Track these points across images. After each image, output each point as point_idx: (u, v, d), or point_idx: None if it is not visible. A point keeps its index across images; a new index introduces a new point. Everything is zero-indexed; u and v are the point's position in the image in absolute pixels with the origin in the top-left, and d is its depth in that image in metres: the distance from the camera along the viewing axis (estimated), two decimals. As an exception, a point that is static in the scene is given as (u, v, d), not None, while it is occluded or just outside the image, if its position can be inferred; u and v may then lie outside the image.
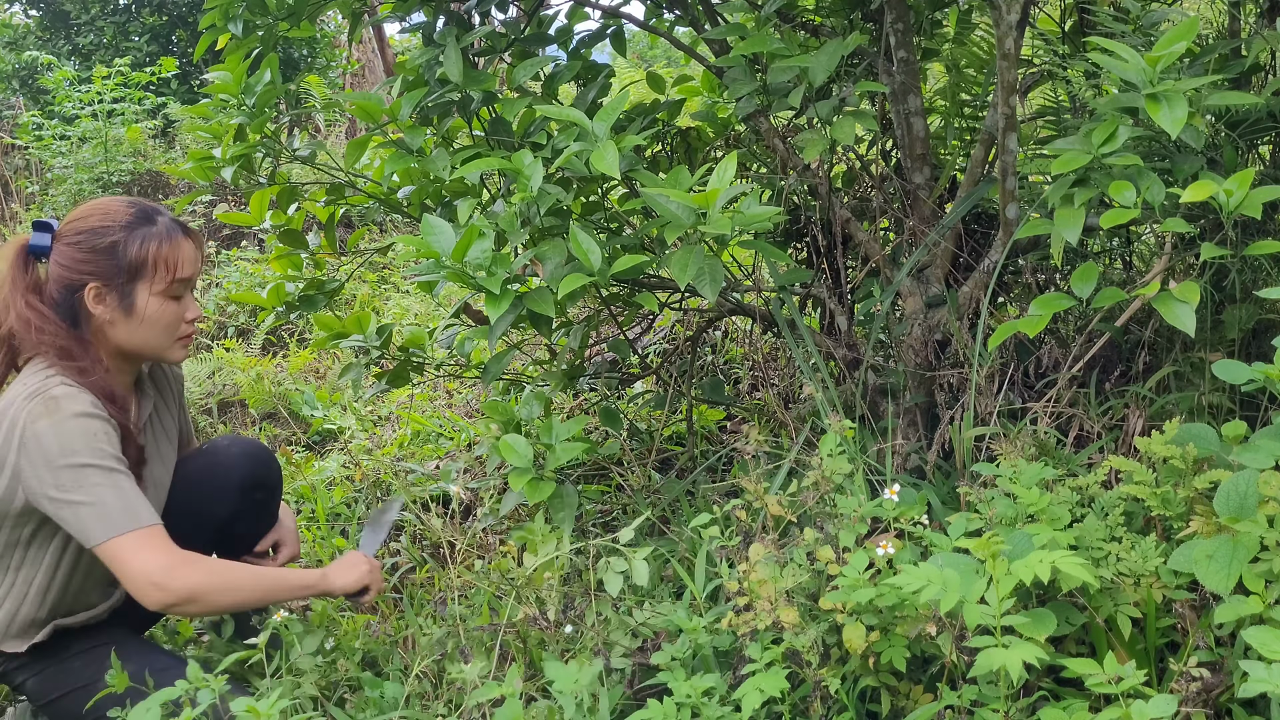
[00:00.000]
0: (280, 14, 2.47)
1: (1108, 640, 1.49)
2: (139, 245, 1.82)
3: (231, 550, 2.15)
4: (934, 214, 2.36)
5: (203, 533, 2.06)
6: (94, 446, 1.72)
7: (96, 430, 1.73)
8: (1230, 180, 1.57)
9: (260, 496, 2.17)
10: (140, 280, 1.83)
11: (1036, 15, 2.51)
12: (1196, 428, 1.57)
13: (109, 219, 1.84)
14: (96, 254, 1.82)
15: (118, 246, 1.82)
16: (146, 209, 1.88)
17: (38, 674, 1.88)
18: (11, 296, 1.82)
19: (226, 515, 2.12)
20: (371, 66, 9.26)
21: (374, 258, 6.28)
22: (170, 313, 1.87)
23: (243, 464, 2.13)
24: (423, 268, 1.86)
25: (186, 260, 1.87)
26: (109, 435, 1.75)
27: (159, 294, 1.85)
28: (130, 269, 1.82)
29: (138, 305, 1.84)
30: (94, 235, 1.82)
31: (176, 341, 1.91)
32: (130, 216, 1.84)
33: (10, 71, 9.68)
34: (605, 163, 1.79)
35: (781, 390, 2.96)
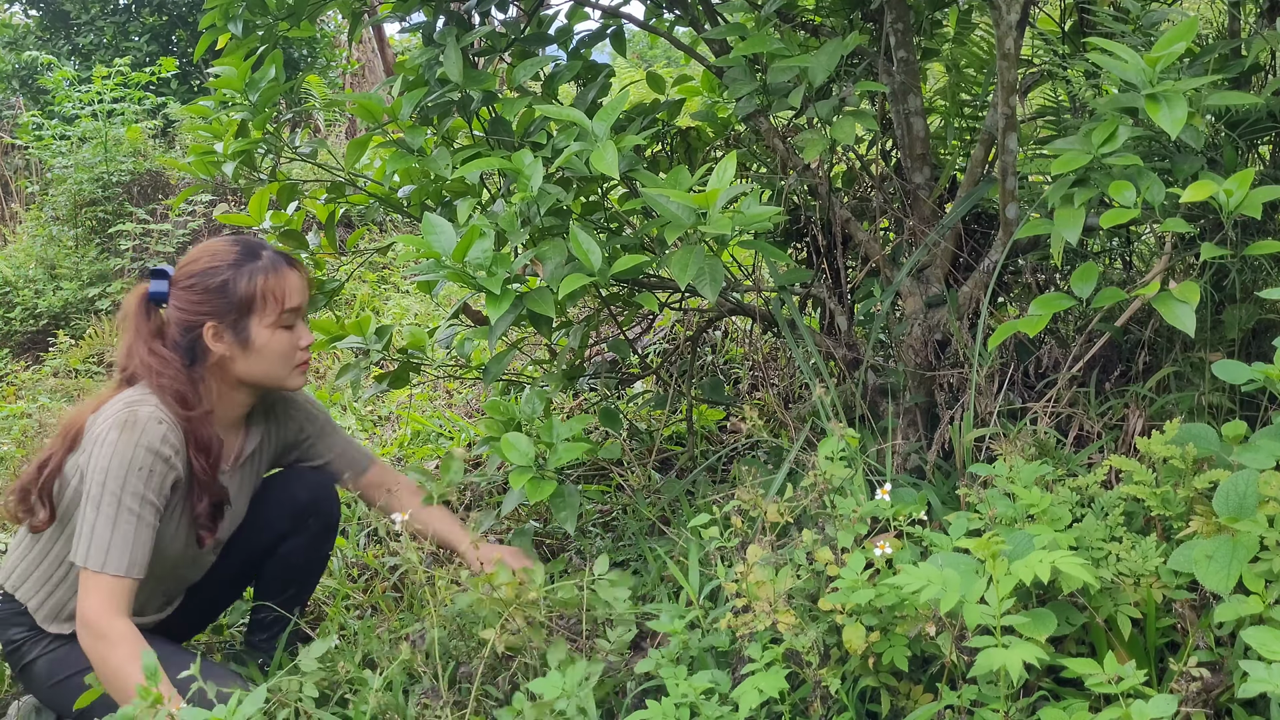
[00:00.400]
0: (280, 14, 2.47)
1: (1108, 640, 1.49)
2: (247, 281, 1.91)
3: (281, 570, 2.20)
4: (934, 214, 2.36)
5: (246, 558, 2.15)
6: (133, 480, 1.78)
7: (151, 469, 1.80)
8: (1230, 180, 1.57)
9: (312, 533, 2.18)
10: (252, 314, 1.92)
11: (1036, 15, 2.51)
12: (1196, 428, 1.57)
13: (216, 259, 1.93)
14: (209, 294, 1.91)
15: (227, 285, 1.91)
16: (250, 245, 1.96)
17: (50, 653, 1.93)
18: (135, 343, 1.92)
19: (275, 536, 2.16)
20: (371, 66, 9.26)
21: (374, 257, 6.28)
22: (284, 342, 1.95)
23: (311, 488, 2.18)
24: (423, 267, 1.86)
25: (293, 290, 1.96)
26: (160, 479, 1.82)
27: (271, 325, 1.93)
28: (241, 305, 1.91)
29: (253, 338, 1.92)
30: (204, 276, 1.92)
31: (294, 369, 1.99)
32: (236, 254, 1.93)
33: (10, 71, 9.69)
34: (605, 163, 1.79)
35: (781, 390, 2.96)
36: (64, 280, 6.30)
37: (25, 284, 6.26)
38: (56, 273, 6.40)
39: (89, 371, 5.11)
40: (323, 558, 2.25)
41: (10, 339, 6.00)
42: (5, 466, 3.68)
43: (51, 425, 4.17)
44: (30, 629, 1.94)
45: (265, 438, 2.12)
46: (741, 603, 1.54)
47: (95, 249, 6.62)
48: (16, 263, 6.49)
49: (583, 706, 1.58)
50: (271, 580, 2.18)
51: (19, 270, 6.36)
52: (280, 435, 2.17)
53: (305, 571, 2.22)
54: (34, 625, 1.94)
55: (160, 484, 1.82)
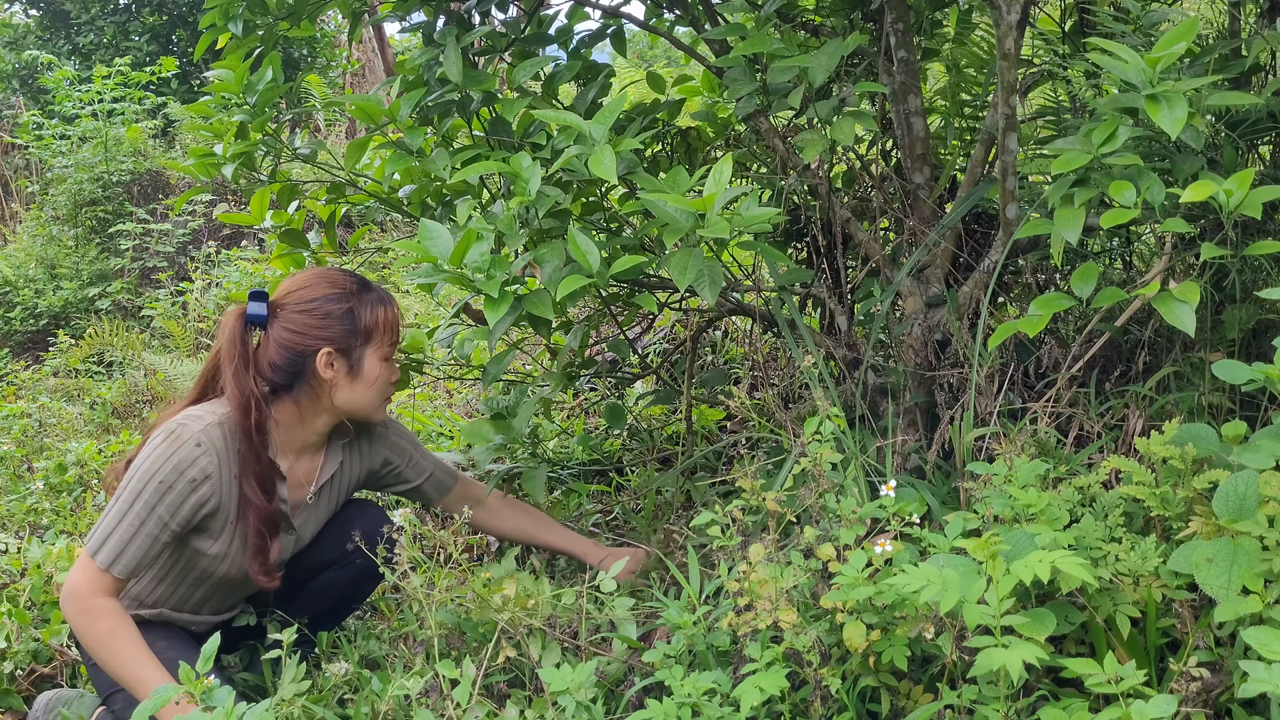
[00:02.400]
0: (280, 14, 2.47)
1: (1108, 640, 1.49)
2: (370, 311, 1.96)
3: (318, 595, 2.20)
4: (934, 214, 2.36)
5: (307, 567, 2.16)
6: (153, 492, 1.81)
7: (171, 486, 1.82)
8: (1230, 180, 1.57)
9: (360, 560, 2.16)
10: (370, 344, 1.96)
11: (1036, 15, 2.51)
12: (1196, 428, 1.57)
13: (337, 286, 1.96)
14: (332, 319, 1.93)
15: (354, 313, 1.94)
16: (360, 278, 2.01)
17: None
18: (225, 366, 1.92)
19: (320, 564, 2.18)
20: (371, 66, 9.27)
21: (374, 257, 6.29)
22: (386, 374, 2.01)
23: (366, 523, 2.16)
24: (421, 271, 1.86)
25: (401, 324, 2.04)
26: (178, 499, 1.83)
27: (382, 357, 1.98)
28: (364, 332, 1.95)
29: (365, 368, 1.97)
30: (328, 302, 1.94)
31: (383, 403, 2.05)
32: (354, 284, 1.98)
33: (10, 71, 9.69)
34: (603, 167, 1.79)
35: (781, 390, 2.96)
36: (64, 280, 6.30)
37: (25, 284, 6.27)
38: (56, 272, 6.40)
39: (89, 371, 5.11)
40: (361, 595, 2.24)
41: (10, 339, 6.00)
42: (5, 466, 3.68)
43: (51, 425, 4.17)
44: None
45: (345, 464, 2.13)
46: (744, 601, 1.54)
47: (95, 249, 6.62)
48: (16, 262, 6.49)
49: (585, 704, 1.58)
50: (306, 600, 2.18)
51: (19, 270, 6.36)
52: (363, 465, 2.18)
53: (340, 604, 2.22)
54: None
55: (176, 504, 1.83)
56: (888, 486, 1.65)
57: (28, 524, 3.19)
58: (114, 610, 1.83)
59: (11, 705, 2.22)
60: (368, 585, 2.21)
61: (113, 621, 1.82)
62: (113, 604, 1.84)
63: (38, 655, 2.34)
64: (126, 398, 4.35)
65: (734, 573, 1.59)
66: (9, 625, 2.33)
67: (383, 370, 1.99)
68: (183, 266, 6.52)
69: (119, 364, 5.03)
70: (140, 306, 6.08)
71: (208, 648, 1.57)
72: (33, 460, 3.74)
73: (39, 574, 2.56)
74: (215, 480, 1.86)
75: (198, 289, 5.76)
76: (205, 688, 1.51)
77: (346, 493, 2.17)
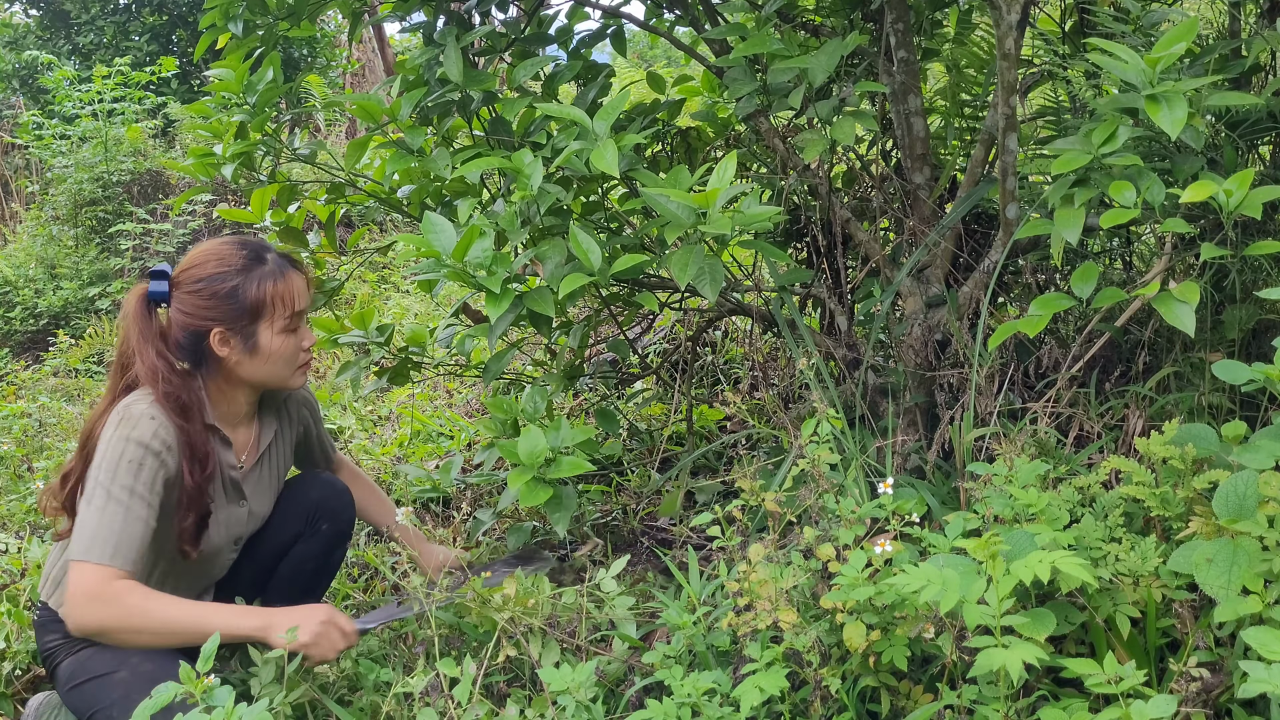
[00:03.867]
0: (280, 13, 2.47)
1: (1108, 640, 1.49)
2: (256, 287, 1.91)
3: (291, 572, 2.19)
4: (934, 214, 2.36)
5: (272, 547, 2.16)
6: (122, 473, 1.78)
7: (135, 458, 1.79)
8: (1230, 180, 1.57)
9: (323, 534, 2.18)
10: (261, 320, 1.92)
11: (1036, 15, 2.51)
12: (1196, 428, 1.57)
13: (224, 264, 1.92)
14: (217, 300, 1.90)
15: (237, 291, 1.90)
16: (256, 248, 1.96)
17: (74, 655, 1.92)
18: (140, 346, 1.90)
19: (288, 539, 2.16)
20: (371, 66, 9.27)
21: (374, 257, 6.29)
22: (289, 345, 1.96)
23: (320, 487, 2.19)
24: (423, 266, 1.86)
25: (299, 294, 1.96)
26: (144, 468, 1.80)
27: (279, 331, 1.94)
28: (251, 311, 1.91)
29: (261, 344, 1.93)
30: (212, 281, 1.90)
31: (297, 370, 2.01)
32: (243, 259, 1.93)
33: (10, 71, 9.69)
34: (605, 161, 1.79)
35: (781, 390, 2.96)
36: (64, 280, 6.30)
37: (25, 284, 6.27)
38: (56, 272, 6.40)
39: (89, 371, 5.11)
40: (333, 564, 2.24)
41: (10, 339, 6.00)
42: (5, 466, 3.68)
43: (52, 425, 4.17)
44: (64, 636, 1.94)
45: (280, 429, 2.14)
46: (743, 601, 1.54)
47: (95, 249, 6.62)
48: (16, 262, 6.49)
49: (584, 704, 1.58)
50: (280, 581, 2.18)
51: (19, 270, 6.36)
52: (294, 427, 2.19)
53: (314, 576, 2.21)
54: (66, 633, 1.93)
55: (151, 478, 1.81)
56: (885, 484, 1.65)
57: (28, 524, 3.19)
58: (133, 585, 1.75)
59: (3, 710, 2.22)
60: (339, 551, 2.22)
61: (139, 592, 1.75)
62: (129, 582, 1.76)
63: (35, 656, 2.33)
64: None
65: (734, 573, 1.59)
66: (8, 626, 2.33)
67: (284, 343, 1.95)
68: (183, 266, 6.51)
69: (119, 364, 5.02)
70: (140, 306, 6.06)
71: (208, 647, 1.56)
72: (33, 460, 3.74)
73: (39, 574, 2.55)
74: (174, 451, 1.84)
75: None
76: (206, 687, 1.51)
77: (288, 459, 2.17)
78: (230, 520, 2.00)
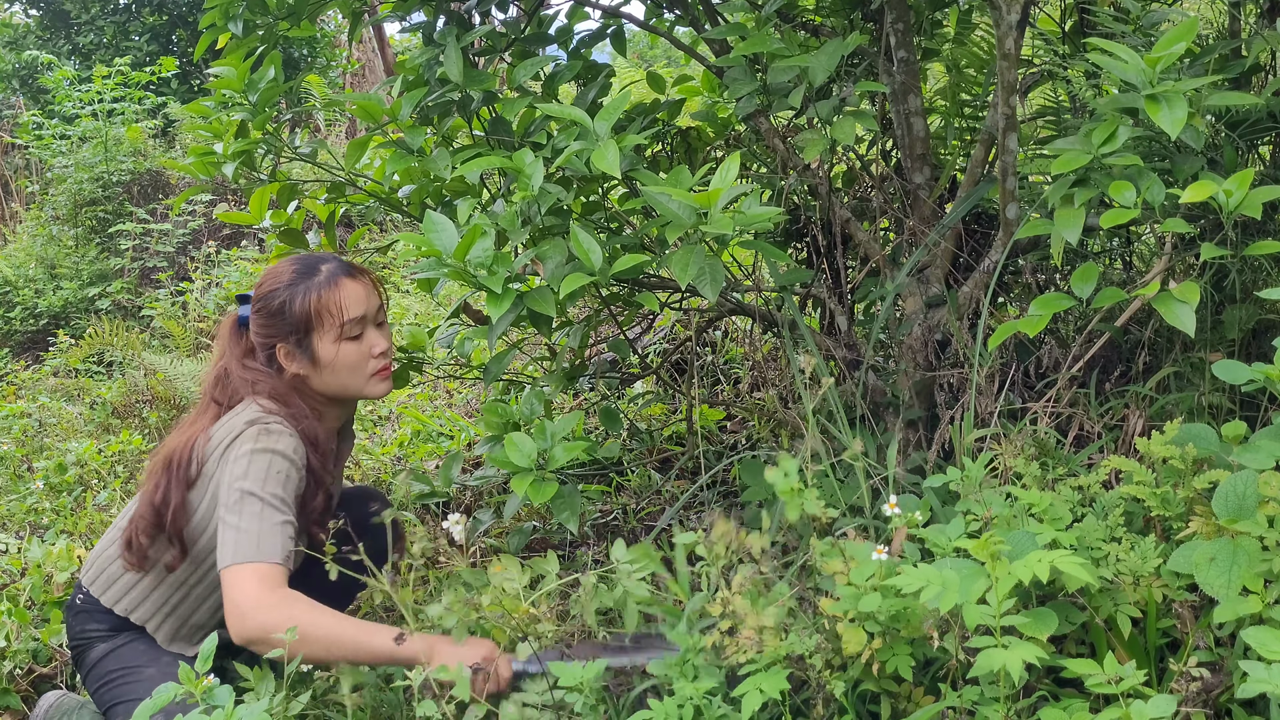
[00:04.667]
0: (280, 13, 2.47)
1: (1108, 640, 1.50)
2: (301, 300, 1.93)
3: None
4: (934, 214, 2.36)
5: None
6: (271, 482, 1.79)
7: (283, 470, 1.82)
8: (1230, 180, 1.57)
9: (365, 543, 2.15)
10: (313, 332, 1.93)
11: (1036, 15, 2.51)
12: (1196, 428, 1.57)
13: (275, 281, 1.96)
14: (272, 317, 1.94)
15: (285, 306, 1.93)
16: (310, 262, 1.98)
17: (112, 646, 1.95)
18: (230, 363, 1.98)
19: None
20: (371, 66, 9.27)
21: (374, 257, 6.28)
22: (353, 353, 1.96)
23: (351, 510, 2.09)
24: (424, 265, 1.86)
25: (351, 300, 1.95)
26: (290, 479, 1.83)
27: (335, 340, 1.94)
28: (301, 324, 1.93)
29: (320, 355, 1.94)
30: (267, 300, 1.95)
31: (372, 378, 1.99)
32: (292, 274, 1.95)
33: (10, 71, 9.69)
34: (606, 162, 1.79)
35: (781, 390, 2.96)
36: (64, 280, 6.30)
37: (25, 284, 6.27)
38: (56, 272, 6.40)
39: (89, 371, 5.11)
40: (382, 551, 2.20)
41: (10, 339, 6.00)
42: (5, 466, 3.68)
43: (51, 425, 4.17)
44: (109, 628, 1.96)
45: (346, 446, 2.18)
46: (726, 624, 1.51)
47: (95, 249, 6.62)
48: (16, 262, 6.49)
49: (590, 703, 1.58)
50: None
51: (19, 270, 6.36)
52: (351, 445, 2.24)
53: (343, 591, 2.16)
54: (112, 625, 1.96)
55: (296, 490, 1.84)
56: (891, 504, 1.64)
57: (28, 524, 3.19)
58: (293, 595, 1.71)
59: (10, 705, 2.22)
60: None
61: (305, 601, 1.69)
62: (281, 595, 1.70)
63: (37, 655, 2.33)
64: (126, 398, 4.35)
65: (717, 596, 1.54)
66: (9, 625, 2.33)
67: (346, 351, 1.96)
68: (183, 266, 6.52)
69: (119, 364, 5.03)
70: (140, 306, 6.07)
71: (206, 646, 1.56)
72: (33, 460, 3.74)
73: (39, 574, 2.56)
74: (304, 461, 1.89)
75: (198, 289, 5.76)
76: (206, 688, 1.51)
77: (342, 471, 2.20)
78: None
